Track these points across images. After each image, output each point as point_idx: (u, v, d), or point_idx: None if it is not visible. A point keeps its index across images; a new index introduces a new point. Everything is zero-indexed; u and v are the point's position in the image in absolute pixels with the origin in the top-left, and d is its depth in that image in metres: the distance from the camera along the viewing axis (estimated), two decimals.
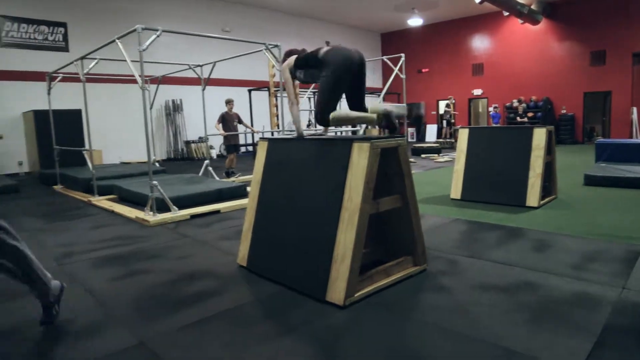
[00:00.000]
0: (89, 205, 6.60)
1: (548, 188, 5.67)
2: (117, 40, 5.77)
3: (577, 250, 3.57)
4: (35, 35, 11.90)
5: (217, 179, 7.93)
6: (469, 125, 14.23)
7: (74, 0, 12.49)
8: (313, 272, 2.78)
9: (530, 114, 17.07)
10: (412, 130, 20.80)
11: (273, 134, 10.19)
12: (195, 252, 3.97)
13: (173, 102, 14.55)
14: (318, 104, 3.13)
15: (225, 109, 9.06)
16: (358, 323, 2.44)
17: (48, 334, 2.45)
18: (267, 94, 13.62)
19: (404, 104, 3.28)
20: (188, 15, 14.61)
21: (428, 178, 8.23)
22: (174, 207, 5.40)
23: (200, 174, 8.42)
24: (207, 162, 8.64)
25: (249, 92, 14.78)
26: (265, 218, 3.27)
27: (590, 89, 16.45)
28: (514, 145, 5.52)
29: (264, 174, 3.35)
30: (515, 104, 17.58)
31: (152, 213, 5.26)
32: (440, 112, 19.93)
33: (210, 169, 8.50)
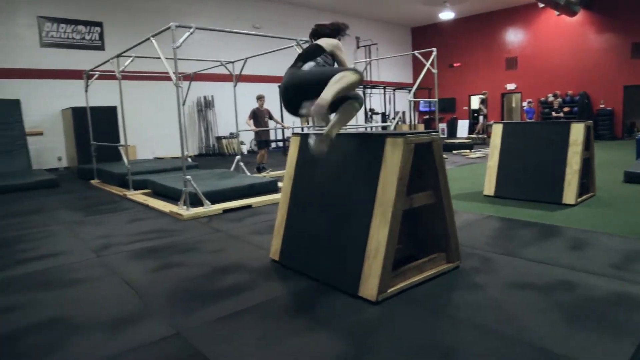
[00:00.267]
0: (125, 199, 6.79)
1: (586, 185, 5.50)
2: (151, 38, 5.90)
3: (616, 250, 3.46)
4: (73, 35, 12.26)
5: (248, 174, 8.02)
6: (502, 121, 13.92)
7: (109, 0, 12.82)
8: (345, 267, 2.78)
9: (566, 109, 16.55)
10: (443, 126, 20.50)
11: (303, 130, 10.22)
12: (228, 246, 4.03)
13: (205, 98, 14.77)
14: None
15: (256, 105, 9.14)
16: (391, 319, 2.43)
17: (89, 323, 2.53)
18: None
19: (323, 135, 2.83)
20: (219, 13, 14.78)
21: (460, 174, 8.10)
22: (207, 201, 5.50)
23: (232, 169, 8.53)
24: (238, 157, 8.74)
25: (279, 88, 14.86)
26: (298, 213, 3.29)
27: (631, 82, 15.82)
28: (551, 141, 5.37)
29: (297, 169, 3.37)
30: (551, 99, 17.09)
31: (185, 207, 5.36)
32: (473, 107, 19.58)
33: (242, 164, 8.60)
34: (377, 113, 17.90)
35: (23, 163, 10.72)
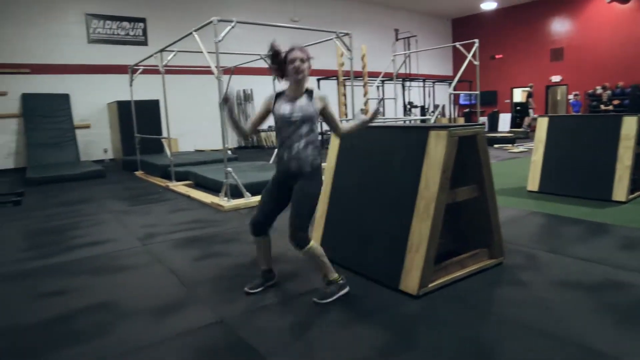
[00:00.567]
0: (167, 190, 6.98)
1: (638, 182, 5.24)
2: (194, 33, 6.01)
3: None
4: (118, 31, 12.65)
5: None
6: (546, 114, 13.44)
7: None
8: (386, 260, 2.77)
9: (616, 102, 15.80)
10: (483, 120, 20.00)
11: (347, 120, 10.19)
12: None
13: (244, 91, 14.96)
14: None
15: None
16: (432, 313, 2.41)
17: (136, 308, 2.63)
18: (335, 83, 13.63)
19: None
20: (257, 7, 14.89)
21: (502, 169, 7.90)
22: (247, 193, 5.58)
23: (271, 162, 8.61)
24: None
25: (317, 81, 14.87)
26: (339, 205, 3.29)
27: None
28: (600, 135, 5.15)
29: (338, 161, 3.37)
30: (599, 91, 16.36)
31: (226, 199, 5.46)
32: (516, 100, 19.00)
33: None
34: (415, 106, 17.63)
35: (72, 155, 11.21)
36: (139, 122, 9.50)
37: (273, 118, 2.63)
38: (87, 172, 8.90)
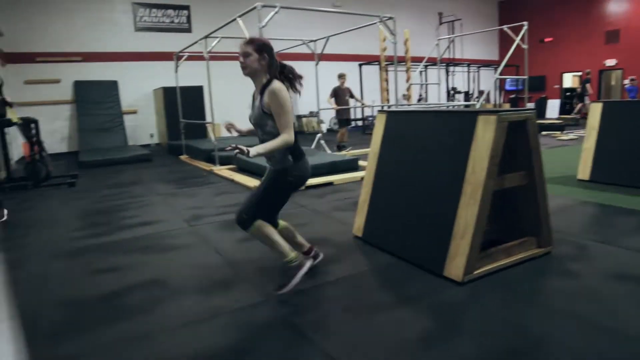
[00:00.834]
0: (212, 174, 7.15)
1: None
2: (238, 19, 6.07)
3: None
4: (164, 19, 12.94)
5: (329, 152, 8.09)
6: (599, 100, 12.82)
7: None
8: (431, 246, 2.75)
9: None
10: (531, 106, 19.30)
11: (383, 109, 10.11)
12: (312, 220, 4.13)
13: None
14: None
15: (337, 84, 9.14)
16: (477, 301, 2.38)
17: (185, 285, 2.73)
18: (377, 68, 13.48)
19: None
20: None
21: (551, 157, 7.61)
22: None
23: (313, 147, 8.65)
24: (319, 135, 8.84)
25: (360, 66, 14.73)
26: (383, 190, 3.28)
27: None
28: None
29: (382, 146, 3.35)
30: None
31: None
32: (566, 85, 18.20)
33: (323, 142, 8.69)
34: (459, 92, 17.20)
35: (120, 139, 11.64)
36: (184, 107, 9.74)
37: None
38: (135, 156, 9.23)
